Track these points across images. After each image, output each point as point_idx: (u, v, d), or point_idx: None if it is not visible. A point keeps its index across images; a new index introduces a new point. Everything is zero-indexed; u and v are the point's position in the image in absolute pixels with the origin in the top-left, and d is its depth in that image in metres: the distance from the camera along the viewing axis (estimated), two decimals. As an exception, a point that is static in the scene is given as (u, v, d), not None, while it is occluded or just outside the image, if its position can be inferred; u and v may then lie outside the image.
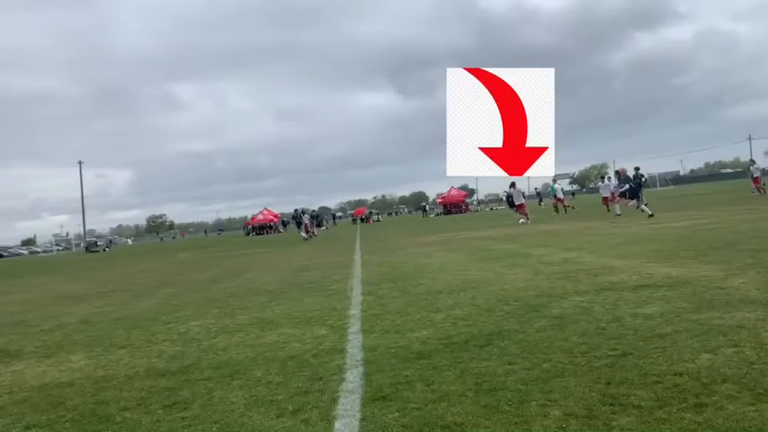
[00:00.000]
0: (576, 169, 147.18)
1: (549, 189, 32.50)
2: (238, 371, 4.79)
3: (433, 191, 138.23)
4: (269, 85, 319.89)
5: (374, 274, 10.96)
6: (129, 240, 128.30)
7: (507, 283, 8.04)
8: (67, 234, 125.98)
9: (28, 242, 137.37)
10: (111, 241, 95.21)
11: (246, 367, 4.88)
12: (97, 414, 4.02)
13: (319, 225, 36.80)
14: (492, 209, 74.54)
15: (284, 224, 68.13)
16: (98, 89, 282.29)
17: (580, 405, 3.28)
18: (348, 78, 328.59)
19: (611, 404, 3.25)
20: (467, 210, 71.20)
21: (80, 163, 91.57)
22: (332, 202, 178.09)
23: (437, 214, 70.76)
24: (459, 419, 3.25)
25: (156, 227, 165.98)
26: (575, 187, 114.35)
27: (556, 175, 47.81)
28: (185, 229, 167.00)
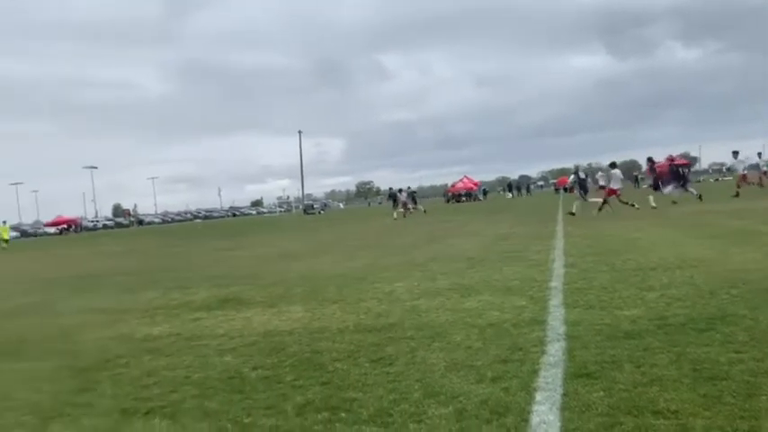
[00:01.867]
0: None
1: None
2: (439, 333, 4.93)
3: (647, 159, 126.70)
4: (471, 51, 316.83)
5: (578, 247, 10.50)
6: (340, 204, 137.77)
7: (733, 264, 7.18)
8: (288, 197, 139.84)
9: (256, 203, 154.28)
10: (325, 204, 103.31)
11: (447, 330, 5.00)
12: (313, 362, 4.43)
13: (415, 202, 36.40)
14: (717, 179, 66.82)
15: (484, 192, 68.11)
16: (315, 63, 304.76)
17: (826, 408, 2.83)
18: (553, 40, 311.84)
19: None
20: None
21: (299, 132, 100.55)
22: (533, 171, 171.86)
23: (649, 185, 65.26)
24: (674, 406, 3.00)
25: (365, 192, 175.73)
26: None
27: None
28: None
